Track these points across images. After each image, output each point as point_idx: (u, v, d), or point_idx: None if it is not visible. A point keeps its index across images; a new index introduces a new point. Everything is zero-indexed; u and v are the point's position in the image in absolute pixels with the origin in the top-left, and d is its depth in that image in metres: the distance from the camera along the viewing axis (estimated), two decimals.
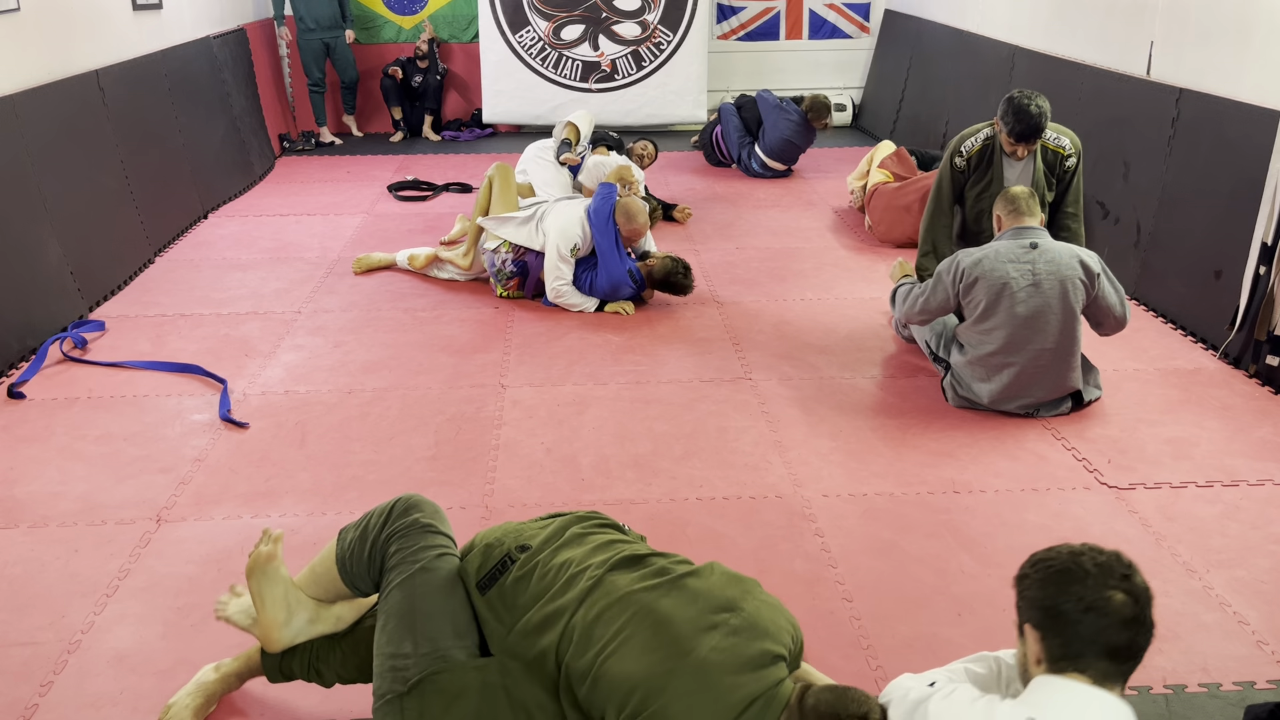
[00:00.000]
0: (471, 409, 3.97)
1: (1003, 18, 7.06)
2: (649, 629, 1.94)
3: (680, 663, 1.87)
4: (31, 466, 3.55)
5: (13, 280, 4.42)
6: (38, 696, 2.48)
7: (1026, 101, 4.01)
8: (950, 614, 2.79)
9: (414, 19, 9.37)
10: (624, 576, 2.05)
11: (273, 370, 4.33)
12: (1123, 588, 1.66)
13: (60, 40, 5.25)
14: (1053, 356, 3.75)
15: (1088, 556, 1.71)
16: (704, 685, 1.85)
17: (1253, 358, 4.23)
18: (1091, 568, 1.68)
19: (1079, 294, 3.73)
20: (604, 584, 2.03)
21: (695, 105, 9.10)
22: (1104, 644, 1.64)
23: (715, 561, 2.13)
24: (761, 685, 1.86)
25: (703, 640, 1.90)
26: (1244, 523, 3.21)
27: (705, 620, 1.93)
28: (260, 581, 2.27)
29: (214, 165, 6.99)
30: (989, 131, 4.30)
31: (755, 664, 1.89)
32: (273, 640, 2.29)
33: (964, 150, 4.34)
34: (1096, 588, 1.66)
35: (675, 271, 4.97)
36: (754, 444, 3.71)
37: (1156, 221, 5.01)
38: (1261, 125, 4.25)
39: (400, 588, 2.11)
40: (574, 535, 2.19)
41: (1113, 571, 1.68)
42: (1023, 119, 4.03)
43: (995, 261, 3.74)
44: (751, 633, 1.92)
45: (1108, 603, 1.65)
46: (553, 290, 4.97)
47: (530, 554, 2.14)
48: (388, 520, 2.21)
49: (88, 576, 2.93)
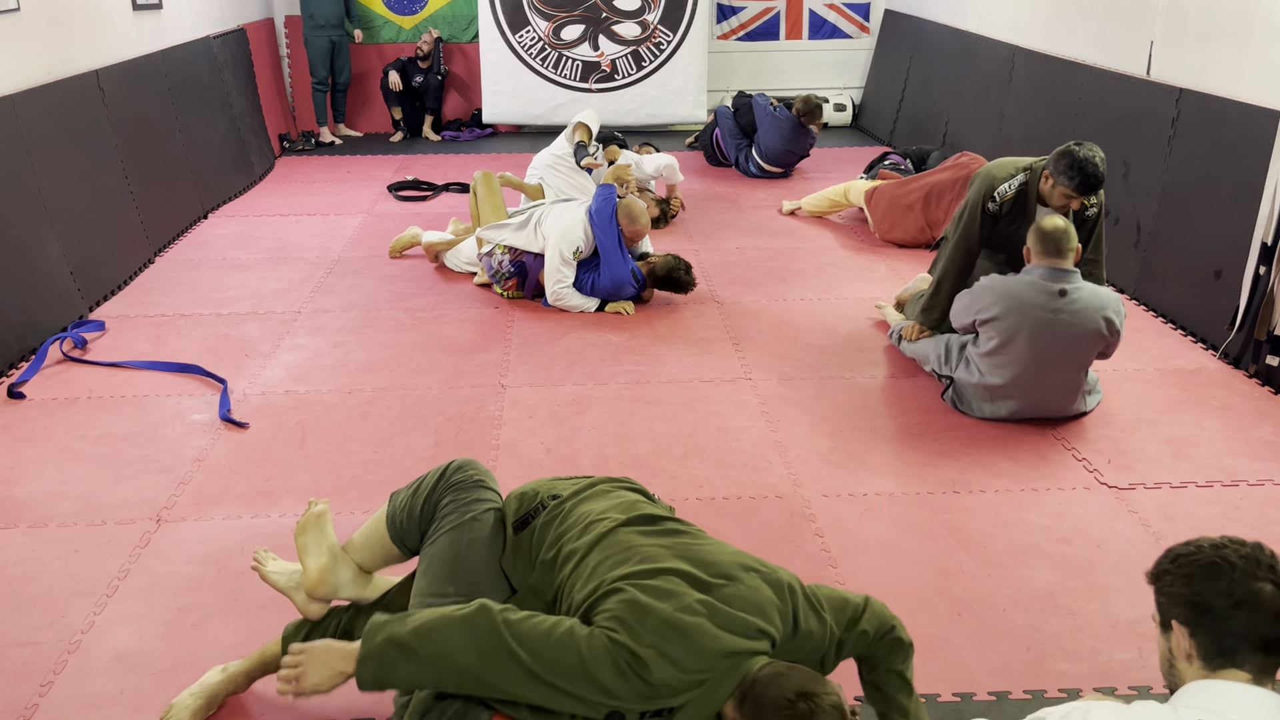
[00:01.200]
0: (471, 409, 3.97)
1: (1003, 18, 7.06)
2: (648, 575, 2.00)
3: (667, 603, 1.93)
4: (31, 466, 3.55)
5: (13, 280, 4.42)
6: (38, 696, 2.47)
7: (1090, 154, 3.82)
8: (950, 614, 2.79)
9: (414, 19, 9.37)
10: (636, 530, 2.13)
11: (273, 370, 4.33)
12: (1270, 579, 1.64)
13: (60, 40, 5.25)
14: (1060, 392, 3.77)
15: (1231, 549, 1.68)
16: (682, 627, 1.90)
17: (1253, 358, 4.23)
18: (1237, 560, 1.66)
19: (1097, 346, 3.71)
20: (617, 533, 2.12)
21: (695, 105, 9.10)
22: (1257, 638, 1.63)
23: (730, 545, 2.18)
24: (737, 647, 1.91)
25: (693, 594, 1.96)
26: (1244, 523, 3.21)
27: (701, 580, 2.00)
28: (311, 536, 2.35)
29: (214, 165, 6.99)
30: (1025, 178, 4.07)
31: (738, 628, 1.93)
32: (319, 585, 2.32)
33: (997, 196, 4.10)
34: (1244, 580, 1.64)
35: (677, 269, 4.99)
36: (754, 444, 3.71)
37: (1156, 221, 5.01)
38: (1261, 125, 4.25)
39: (449, 534, 2.22)
40: (600, 490, 2.31)
41: (1259, 563, 1.66)
42: (1089, 173, 3.82)
43: (1019, 303, 3.65)
44: (743, 603, 1.97)
45: (1257, 596, 1.63)
46: (553, 293, 4.97)
47: (559, 502, 2.28)
48: (442, 477, 2.32)
49: (88, 576, 2.93)
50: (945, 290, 4.21)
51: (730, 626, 1.93)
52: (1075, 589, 2.88)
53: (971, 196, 4.20)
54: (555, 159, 6.08)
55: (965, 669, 2.58)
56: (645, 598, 1.94)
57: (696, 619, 1.92)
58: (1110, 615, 2.77)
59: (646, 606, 1.92)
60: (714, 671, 1.90)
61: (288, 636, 2.41)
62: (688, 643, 1.89)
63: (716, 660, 1.90)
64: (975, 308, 3.81)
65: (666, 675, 1.87)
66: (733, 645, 1.91)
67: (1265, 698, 1.60)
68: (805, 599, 2.06)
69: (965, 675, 2.56)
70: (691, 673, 1.88)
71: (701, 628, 1.91)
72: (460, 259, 5.52)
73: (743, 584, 2.01)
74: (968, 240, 4.19)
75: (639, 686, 1.87)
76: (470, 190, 5.44)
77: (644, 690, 1.88)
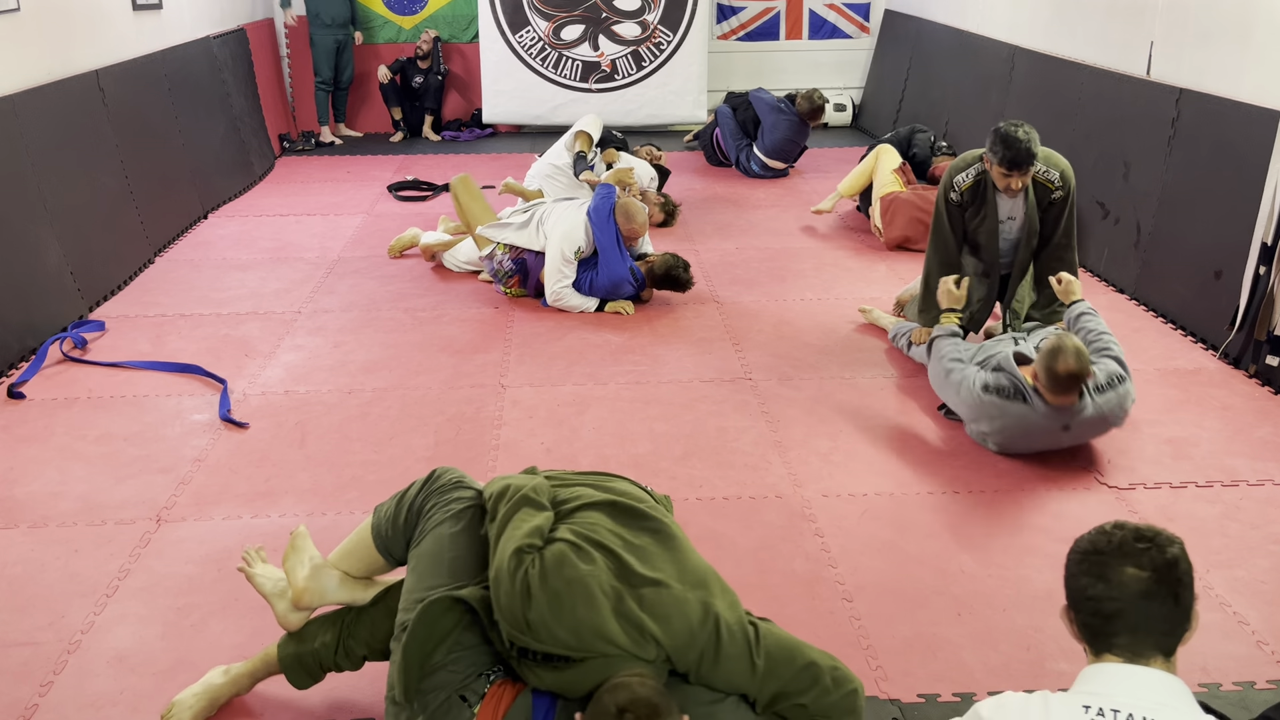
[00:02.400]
0: (471, 409, 3.97)
1: (1003, 18, 7.06)
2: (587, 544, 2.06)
3: (586, 567, 2.01)
4: (31, 466, 3.55)
5: (13, 280, 4.42)
6: (38, 696, 2.47)
7: (1014, 130, 3.84)
8: (950, 614, 2.79)
9: (414, 19, 9.37)
10: (607, 514, 2.16)
11: (273, 370, 4.33)
12: (1135, 563, 1.62)
13: (60, 40, 5.25)
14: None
15: (1115, 534, 1.67)
16: (584, 591, 1.98)
17: (1253, 358, 4.23)
18: (1110, 544, 1.65)
19: (1107, 432, 3.61)
20: (589, 511, 2.16)
21: (695, 105, 9.10)
22: (1123, 621, 1.62)
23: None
24: (617, 639, 1.96)
25: (612, 579, 2.02)
26: (1244, 523, 3.21)
27: (634, 573, 2.04)
28: (293, 559, 2.35)
29: (214, 165, 6.99)
30: (980, 166, 4.11)
31: (630, 624, 1.97)
32: (303, 594, 2.32)
33: (956, 185, 4.15)
34: (1111, 563, 1.63)
35: (676, 267, 5.01)
36: (754, 444, 3.71)
37: (1156, 221, 5.01)
38: (1261, 125, 4.25)
39: (433, 533, 2.23)
40: (590, 479, 2.33)
41: (1132, 547, 1.64)
42: (1011, 146, 3.84)
43: (1024, 429, 3.50)
44: (653, 608, 2.00)
45: (1118, 577, 1.62)
46: (552, 293, 4.97)
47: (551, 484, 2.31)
48: (425, 485, 2.34)
49: (88, 576, 2.93)
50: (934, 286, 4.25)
51: (624, 619, 1.97)
52: None
53: (939, 190, 4.28)
54: (554, 169, 6.06)
55: (965, 669, 2.58)
56: (571, 554, 2.02)
57: (599, 595, 1.98)
58: None
59: (567, 559, 2.01)
60: (586, 649, 1.95)
61: (283, 644, 2.41)
62: (578, 607, 1.96)
63: (593, 639, 1.95)
64: (974, 420, 3.65)
65: (543, 618, 1.95)
66: (613, 635, 1.96)
67: (1148, 676, 1.60)
68: (731, 639, 2.01)
69: (965, 675, 2.56)
70: (566, 633, 1.95)
71: (597, 603, 1.97)
72: (459, 259, 5.52)
73: (668, 593, 2.02)
74: (940, 232, 4.25)
75: (518, 610, 1.96)
76: (453, 198, 5.33)
77: (518, 618, 1.96)
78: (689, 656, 2.01)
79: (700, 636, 2.01)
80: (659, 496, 2.41)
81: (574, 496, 2.22)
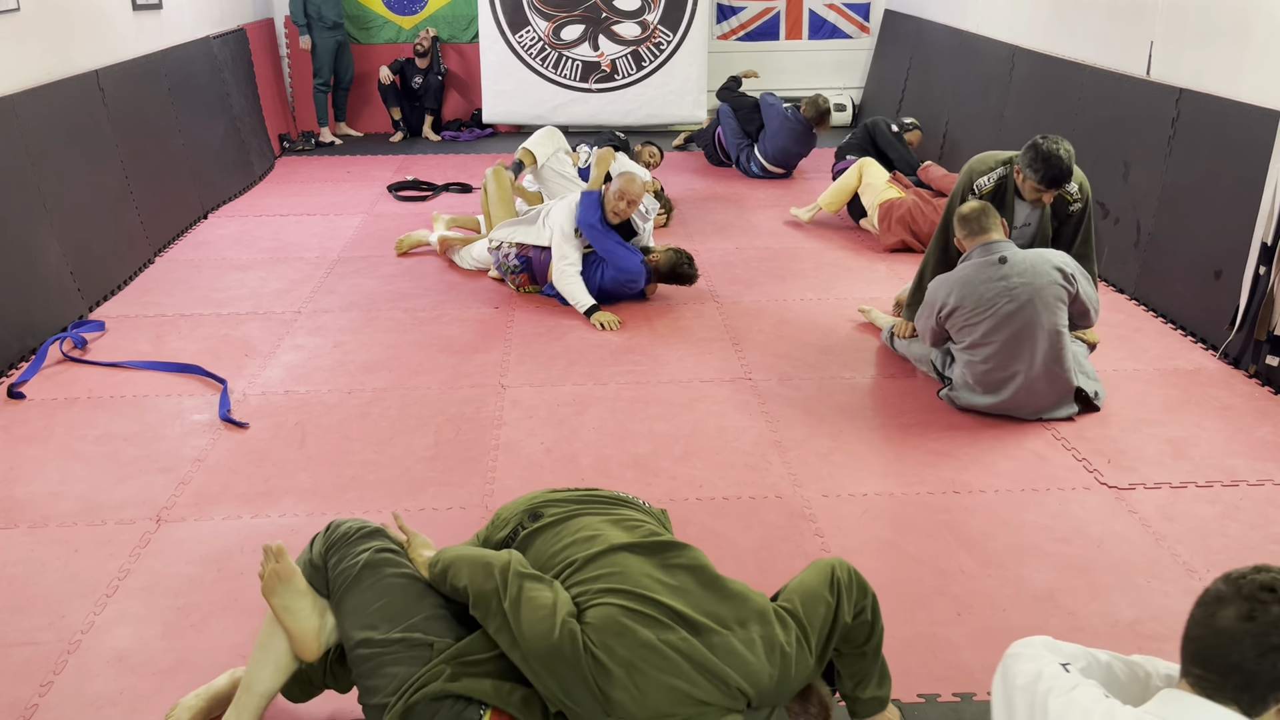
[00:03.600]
0: (471, 409, 3.97)
1: (1003, 18, 7.06)
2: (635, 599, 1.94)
3: (649, 630, 1.88)
4: (31, 466, 3.55)
5: (13, 280, 4.42)
6: (38, 696, 2.47)
7: (1054, 147, 3.85)
8: (950, 614, 2.79)
9: (414, 19, 9.37)
10: (637, 561, 2.04)
11: (273, 370, 4.33)
12: (1239, 603, 1.55)
13: (60, 40, 5.25)
14: (1046, 365, 3.75)
15: (1253, 574, 1.59)
16: (660, 655, 1.85)
17: (1253, 358, 4.23)
18: (1238, 579, 1.58)
19: (1061, 298, 3.74)
20: (612, 563, 2.03)
21: (695, 105, 9.10)
22: (1198, 648, 1.58)
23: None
24: (708, 698, 1.85)
25: (679, 630, 1.90)
26: (1244, 523, 3.21)
27: (691, 620, 1.93)
28: (283, 597, 2.17)
29: (214, 165, 6.99)
30: (1004, 171, 4.12)
31: (716, 678, 1.87)
32: (311, 649, 2.19)
33: (978, 189, 4.16)
34: (1224, 594, 1.58)
35: (681, 263, 5.04)
36: (754, 444, 3.71)
37: (1156, 221, 5.01)
38: (1261, 125, 4.25)
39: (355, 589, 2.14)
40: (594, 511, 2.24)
41: (1248, 588, 1.56)
42: (1053, 165, 3.85)
43: (968, 287, 3.76)
44: (729, 656, 1.90)
45: (1218, 609, 1.57)
46: (558, 271, 4.96)
47: (541, 520, 2.22)
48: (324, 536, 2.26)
49: (88, 576, 2.93)
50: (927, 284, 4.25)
51: (708, 673, 1.87)
52: (1075, 589, 2.88)
53: (954, 190, 4.26)
54: (552, 173, 6.07)
55: (965, 669, 2.58)
56: (626, 620, 1.88)
57: (674, 656, 1.85)
58: (1110, 615, 2.77)
59: (626, 626, 1.87)
60: (675, 715, 1.83)
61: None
62: (660, 674, 1.84)
63: (681, 704, 1.84)
64: (934, 307, 3.88)
65: (626, 699, 1.82)
66: (703, 695, 1.85)
67: (1218, 714, 1.55)
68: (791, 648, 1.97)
69: (965, 675, 2.56)
70: (653, 707, 1.82)
71: (677, 665, 1.85)
72: (471, 257, 5.56)
73: (735, 636, 1.93)
74: (948, 231, 4.22)
75: (594, 697, 1.82)
76: (481, 188, 5.52)
77: (598, 705, 1.83)
78: (767, 692, 1.94)
79: (774, 670, 1.94)
80: (656, 512, 2.35)
81: (584, 539, 2.10)
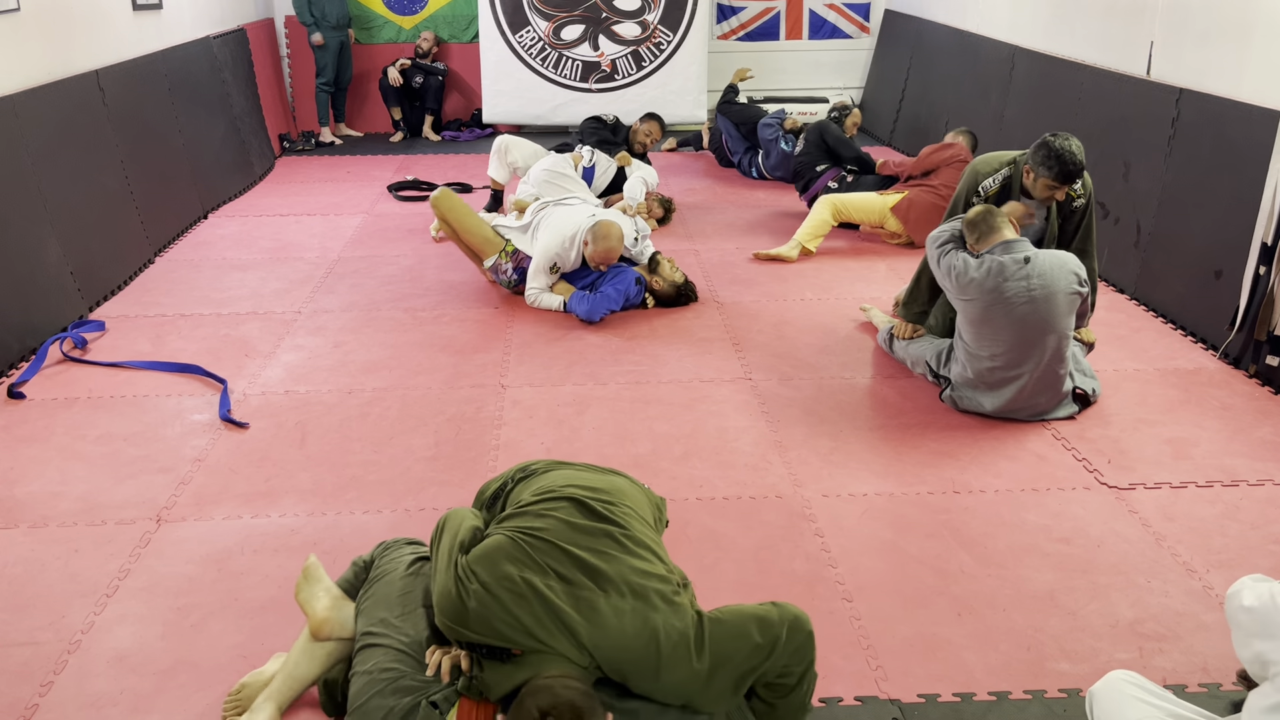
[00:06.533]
0: (471, 409, 3.97)
1: (1003, 18, 7.06)
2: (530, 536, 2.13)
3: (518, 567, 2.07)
4: (31, 466, 3.55)
5: (13, 280, 4.42)
6: (38, 696, 2.48)
7: (1066, 144, 3.85)
8: (950, 614, 2.79)
9: (414, 19, 9.37)
10: (569, 514, 2.18)
11: (273, 370, 4.33)
12: None
13: (60, 40, 5.25)
14: (1049, 365, 3.75)
15: None
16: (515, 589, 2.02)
17: (1253, 358, 4.23)
18: None
19: (1074, 304, 3.74)
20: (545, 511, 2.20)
21: (695, 105, 9.10)
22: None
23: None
24: (545, 640, 2.00)
25: (548, 578, 2.05)
26: (1244, 523, 3.21)
27: (570, 578, 2.06)
28: (307, 590, 2.40)
29: (214, 165, 6.99)
30: (1009, 172, 4.11)
31: (562, 625, 2.00)
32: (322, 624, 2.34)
33: (983, 190, 4.15)
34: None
35: (683, 292, 5.08)
36: (754, 444, 3.71)
37: (1156, 221, 5.01)
38: (1261, 125, 4.25)
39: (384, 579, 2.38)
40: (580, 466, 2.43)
41: None
42: (1067, 162, 3.84)
43: (997, 279, 3.68)
44: (590, 613, 2.01)
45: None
46: (529, 296, 5.03)
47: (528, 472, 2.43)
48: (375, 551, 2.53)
49: (88, 576, 2.93)
50: (925, 282, 4.25)
51: (556, 620, 1.99)
52: (1075, 589, 2.89)
53: (958, 191, 4.25)
54: (551, 174, 6.05)
55: (965, 669, 2.58)
56: (501, 551, 2.08)
57: (528, 592, 2.01)
58: (1110, 615, 2.77)
59: (496, 557, 2.06)
60: (513, 644, 1.99)
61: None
62: (508, 602, 2.00)
63: (519, 635, 1.99)
64: (958, 268, 3.78)
65: (482, 609, 2.00)
66: (541, 634, 1.98)
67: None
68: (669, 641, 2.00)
69: (965, 675, 2.56)
70: (497, 623, 1.99)
71: (527, 603, 2.00)
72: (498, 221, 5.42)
73: (605, 600, 2.03)
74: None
75: (456, 603, 2.03)
76: (437, 215, 5.27)
77: (458, 609, 2.02)
78: (622, 668, 1.99)
79: (635, 648, 1.99)
80: (655, 498, 2.42)
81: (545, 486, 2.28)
